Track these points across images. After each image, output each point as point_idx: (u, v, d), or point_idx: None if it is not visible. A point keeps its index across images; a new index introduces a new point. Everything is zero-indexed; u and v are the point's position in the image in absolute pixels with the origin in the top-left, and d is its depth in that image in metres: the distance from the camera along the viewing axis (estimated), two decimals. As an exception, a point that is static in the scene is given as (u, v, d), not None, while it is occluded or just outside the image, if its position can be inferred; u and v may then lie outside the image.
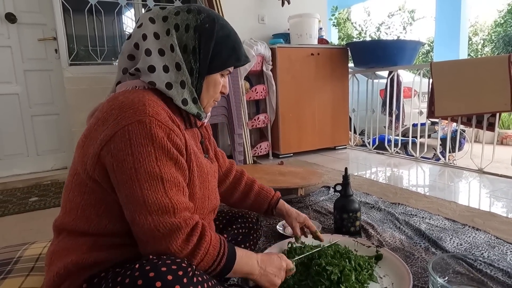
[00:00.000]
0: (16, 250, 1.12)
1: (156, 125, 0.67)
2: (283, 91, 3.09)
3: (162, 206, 0.66)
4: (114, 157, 0.65)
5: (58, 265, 0.70)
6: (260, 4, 3.35)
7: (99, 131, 0.69)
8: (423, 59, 9.78)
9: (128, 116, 0.66)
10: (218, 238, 0.74)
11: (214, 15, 0.81)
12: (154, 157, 0.66)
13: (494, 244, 1.34)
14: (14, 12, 2.58)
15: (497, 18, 8.97)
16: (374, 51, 3.24)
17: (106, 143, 0.66)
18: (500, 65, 2.32)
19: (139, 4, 3.00)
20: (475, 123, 2.59)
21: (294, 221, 1.14)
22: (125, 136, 0.65)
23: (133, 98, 0.69)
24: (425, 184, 2.44)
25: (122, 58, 0.80)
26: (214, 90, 0.83)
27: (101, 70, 2.85)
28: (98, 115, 0.72)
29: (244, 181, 1.14)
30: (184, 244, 0.67)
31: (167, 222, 0.65)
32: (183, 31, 0.77)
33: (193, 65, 0.77)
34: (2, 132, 2.68)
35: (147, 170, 0.65)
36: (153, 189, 0.65)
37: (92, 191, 0.71)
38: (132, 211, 0.65)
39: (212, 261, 0.71)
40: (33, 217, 1.93)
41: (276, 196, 1.14)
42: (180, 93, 0.76)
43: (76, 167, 0.73)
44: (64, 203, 0.76)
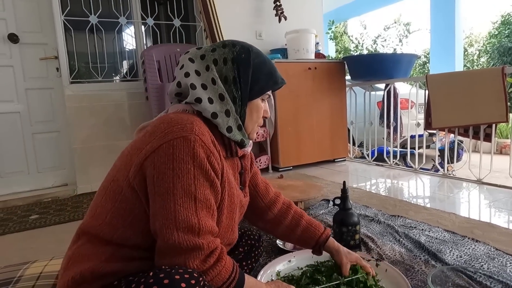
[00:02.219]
0: (17, 269, 1.12)
1: (200, 145, 0.71)
2: (281, 105, 3.12)
3: (190, 224, 0.68)
4: (156, 169, 0.69)
5: (74, 270, 0.71)
6: (257, 20, 3.42)
7: (145, 142, 0.73)
8: (420, 71, 9.88)
9: (175, 131, 0.71)
10: (232, 263, 0.76)
11: (247, 45, 0.87)
12: (193, 175, 0.70)
13: (494, 256, 1.34)
14: (17, 32, 2.64)
15: (491, 30, 9.11)
16: (370, 64, 3.29)
17: (150, 153, 0.70)
18: (494, 77, 2.36)
19: (139, 22, 3.07)
20: (472, 134, 2.62)
21: (343, 258, 1.03)
22: (169, 150, 0.69)
23: (182, 116, 0.75)
24: (424, 196, 2.45)
25: (171, 97, 0.87)
26: (257, 115, 0.88)
27: (101, 87, 2.90)
28: (148, 128, 0.77)
29: (291, 214, 1.09)
30: (201, 264, 0.70)
31: (191, 241, 0.68)
32: (221, 64, 0.83)
33: (235, 94, 0.83)
34: (3, 150, 2.70)
35: (183, 186, 0.69)
36: (185, 206, 0.69)
37: (124, 200, 0.73)
38: (161, 223, 0.68)
39: (221, 283, 0.73)
40: (34, 235, 1.93)
41: (325, 234, 1.07)
42: (226, 121, 0.81)
43: (116, 174, 0.76)
44: (95, 207, 0.77)
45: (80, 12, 2.80)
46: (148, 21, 3.06)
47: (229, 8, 3.22)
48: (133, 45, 3.18)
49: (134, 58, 3.19)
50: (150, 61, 2.71)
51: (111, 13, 2.92)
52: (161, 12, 3.23)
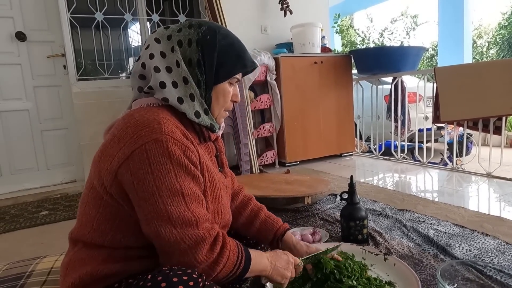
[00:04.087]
0: (29, 264, 1.14)
1: (172, 143, 0.69)
2: (287, 100, 3.11)
3: (186, 219, 0.69)
4: (134, 175, 0.68)
5: (73, 276, 0.72)
6: (262, 15, 3.40)
7: (115, 148, 0.71)
8: (427, 64, 9.76)
9: (145, 135, 0.69)
10: (236, 244, 0.77)
11: (215, 26, 0.83)
12: (174, 174, 0.69)
13: (504, 250, 1.33)
14: (24, 30, 2.66)
15: (501, 21, 8.94)
16: (377, 58, 3.25)
17: (124, 161, 0.68)
18: (504, 69, 2.32)
19: (144, 19, 3.07)
20: (481, 127, 2.58)
21: (304, 255, 1.00)
22: (143, 155, 0.67)
23: (148, 116, 0.72)
24: (433, 190, 2.43)
25: (134, 79, 0.83)
26: (224, 99, 0.85)
27: (108, 84, 2.91)
28: (114, 131, 0.74)
29: (250, 207, 1.08)
30: (209, 254, 0.70)
31: (192, 234, 0.68)
32: (186, 46, 0.80)
33: (199, 77, 0.79)
34: (13, 147, 2.74)
35: (168, 187, 0.68)
36: (176, 204, 0.68)
37: (107, 205, 0.73)
38: (156, 225, 0.68)
39: (232, 266, 0.74)
40: (44, 231, 1.96)
41: (283, 227, 1.06)
42: (191, 106, 0.78)
43: (92, 181, 0.75)
44: (80, 216, 0.77)
45: (86, 9, 2.80)
46: (153, 17, 3.06)
47: (234, 3, 3.21)
48: (138, 41, 3.19)
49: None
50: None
51: (116, 10, 2.92)
52: (166, 8, 3.22)
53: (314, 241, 1.47)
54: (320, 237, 1.50)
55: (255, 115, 3.27)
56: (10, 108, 2.70)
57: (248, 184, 2.16)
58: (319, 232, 1.54)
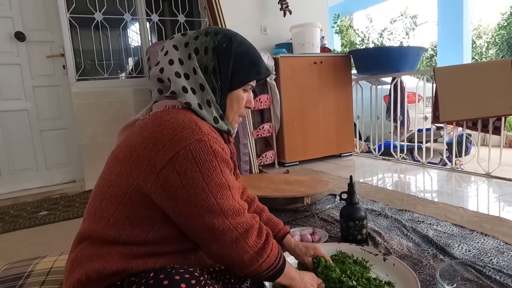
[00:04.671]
0: (28, 264, 1.14)
1: (214, 142, 0.73)
2: (287, 100, 3.11)
3: (236, 209, 0.75)
4: (182, 175, 0.70)
5: (80, 272, 0.71)
6: (262, 14, 3.40)
7: (151, 149, 0.71)
8: (427, 64, 9.76)
9: (187, 136, 0.71)
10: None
11: (231, 33, 0.86)
12: (219, 169, 0.74)
13: (503, 250, 1.33)
14: (23, 30, 2.66)
15: (500, 21, 8.95)
16: (376, 58, 3.26)
17: (167, 162, 0.70)
18: (503, 69, 2.32)
19: (144, 19, 3.07)
20: (480, 127, 2.58)
21: (304, 257, 1.04)
22: (189, 155, 0.70)
23: (183, 118, 0.74)
24: (432, 190, 2.43)
25: (152, 82, 0.85)
26: (238, 105, 0.88)
27: (107, 84, 2.91)
28: (143, 133, 0.75)
29: (253, 208, 1.10)
30: (258, 239, 0.78)
31: (243, 222, 0.76)
32: (202, 53, 0.82)
33: (215, 84, 0.82)
34: (12, 147, 2.73)
35: (217, 182, 0.73)
36: (225, 197, 0.74)
37: (130, 203, 0.73)
38: (210, 218, 0.72)
39: (275, 257, 0.80)
40: (43, 231, 1.96)
41: (283, 230, 1.08)
42: (210, 112, 0.81)
43: (116, 179, 0.75)
44: (93, 211, 0.76)
45: (85, 10, 2.80)
46: (152, 17, 3.05)
47: (234, 3, 3.21)
48: (138, 41, 3.19)
49: (140, 55, 3.19)
50: (156, 57, 2.71)
51: (116, 10, 2.92)
52: (165, 8, 3.22)
53: (313, 241, 1.47)
54: (320, 237, 1.50)
55: (254, 115, 3.27)
56: (9, 108, 2.70)
57: (248, 184, 2.16)
58: (319, 232, 1.54)
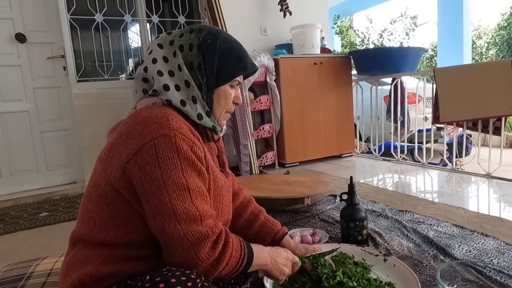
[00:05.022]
0: (28, 265, 1.14)
1: (180, 138, 0.71)
2: (287, 100, 3.11)
3: (190, 214, 0.69)
4: (142, 170, 0.69)
5: (73, 276, 0.72)
6: (262, 16, 3.40)
7: (123, 144, 0.72)
8: (427, 64, 9.77)
9: (154, 131, 0.70)
10: (239, 241, 0.78)
11: (215, 30, 0.85)
12: (180, 168, 0.70)
13: (504, 251, 1.33)
14: (24, 32, 2.66)
15: (500, 21, 8.96)
16: (377, 58, 3.26)
17: (132, 156, 0.70)
18: (503, 70, 2.32)
19: (144, 20, 3.07)
20: (481, 128, 2.58)
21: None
22: (152, 149, 0.69)
23: (156, 113, 0.73)
24: (432, 191, 2.43)
25: (137, 82, 0.85)
26: (225, 101, 0.87)
27: (108, 85, 2.91)
28: (121, 129, 0.76)
29: (250, 209, 1.09)
30: (211, 252, 0.70)
31: (195, 231, 0.69)
32: (187, 50, 0.82)
33: (201, 80, 0.82)
34: (13, 148, 2.74)
35: (174, 181, 0.69)
36: (181, 199, 0.69)
37: (111, 202, 0.73)
38: (161, 220, 0.68)
39: (235, 263, 0.75)
40: (44, 232, 1.96)
41: (282, 231, 1.07)
42: (194, 108, 0.80)
43: (97, 179, 0.76)
44: (82, 214, 0.78)
45: (86, 11, 2.81)
46: (153, 19, 3.06)
47: (234, 4, 3.21)
48: (138, 42, 3.19)
49: (140, 56, 3.20)
50: (156, 58, 2.71)
51: (116, 11, 2.93)
52: (166, 9, 3.23)
53: (314, 242, 1.47)
54: (320, 238, 1.50)
55: (254, 116, 3.27)
56: (10, 110, 2.70)
57: (248, 185, 2.16)
58: (319, 233, 1.54)
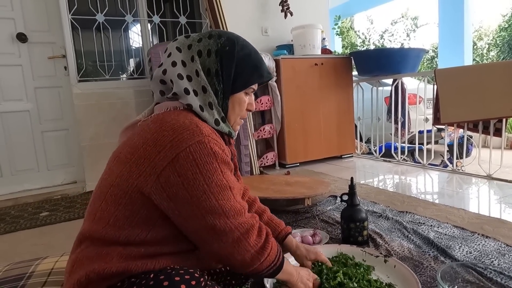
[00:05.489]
0: (29, 265, 1.14)
1: (214, 143, 0.75)
2: (288, 101, 3.11)
3: (237, 210, 0.76)
4: (183, 176, 0.71)
5: (80, 273, 0.72)
6: (263, 16, 3.41)
7: (152, 151, 0.72)
8: (428, 65, 9.76)
9: (187, 138, 0.72)
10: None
11: (234, 37, 0.86)
12: (220, 171, 0.75)
13: (504, 252, 1.32)
14: (25, 32, 2.67)
15: (501, 23, 8.95)
16: (377, 59, 3.26)
17: (167, 164, 0.71)
18: (504, 71, 2.32)
19: (145, 20, 3.07)
20: (481, 129, 2.58)
21: (304, 260, 1.05)
22: (189, 157, 0.71)
23: (184, 120, 0.75)
24: (433, 192, 2.43)
25: (155, 83, 0.86)
26: (239, 108, 0.88)
27: (109, 85, 2.92)
28: (144, 135, 0.76)
29: (254, 208, 1.11)
30: (258, 239, 0.79)
31: (244, 222, 0.77)
32: (205, 56, 0.83)
33: (217, 87, 0.83)
34: (14, 148, 2.74)
35: (217, 183, 0.74)
36: (226, 197, 0.75)
37: (130, 203, 0.73)
38: (212, 219, 0.73)
39: (275, 255, 0.82)
40: (44, 232, 1.96)
41: (285, 231, 1.08)
42: (211, 114, 0.82)
43: (115, 180, 0.75)
44: (94, 212, 0.77)
45: (87, 11, 2.81)
46: (154, 19, 3.06)
47: (235, 5, 3.21)
48: (139, 43, 3.19)
49: (141, 56, 3.20)
50: (157, 58, 2.72)
51: (117, 11, 2.93)
52: (167, 9, 3.23)
53: (314, 242, 1.47)
54: (321, 239, 1.50)
55: (255, 117, 3.27)
56: (11, 109, 2.70)
57: (249, 185, 2.14)
58: (319, 233, 1.54)
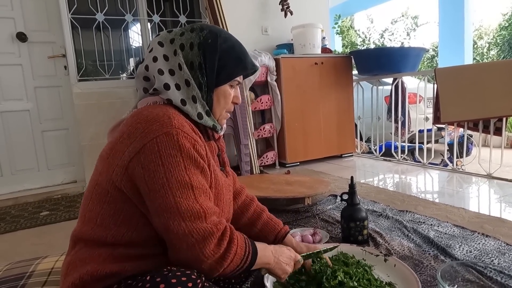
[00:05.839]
0: (29, 264, 1.14)
1: (183, 136, 0.71)
2: (288, 100, 3.11)
3: (194, 212, 0.69)
4: (145, 168, 0.69)
5: (74, 275, 0.72)
6: (263, 16, 3.41)
7: (125, 143, 0.72)
8: (428, 64, 9.76)
9: (156, 129, 0.70)
10: (243, 238, 0.78)
11: (216, 30, 0.85)
12: (183, 166, 0.70)
13: (504, 251, 1.32)
14: (25, 31, 2.66)
15: (501, 22, 8.95)
16: (378, 58, 3.26)
17: (135, 155, 0.70)
18: (505, 70, 2.32)
19: (145, 19, 3.07)
20: (481, 128, 2.58)
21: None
22: (154, 148, 0.69)
23: (157, 112, 0.73)
24: (433, 191, 2.43)
25: (138, 80, 0.85)
26: (225, 101, 0.86)
27: (109, 85, 2.92)
28: (122, 129, 0.76)
29: (253, 208, 1.09)
30: (216, 249, 0.70)
31: (200, 228, 0.69)
32: (188, 49, 0.82)
33: (201, 80, 0.81)
34: (14, 147, 2.74)
35: (178, 179, 0.69)
36: (185, 196, 0.69)
37: (112, 201, 0.73)
38: (166, 218, 0.68)
39: (240, 260, 0.75)
40: (44, 231, 1.96)
41: (284, 230, 1.07)
42: (194, 107, 0.80)
43: (98, 178, 0.76)
44: (83, 213, 0.77)
45: (87, 10, 2.81)
46: (154, 18, 3.06)
47: (235, 4, 3.21)
48: (139, 42, 3.19)
49: (141, 55, 3.20)
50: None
51: (117, 10, 2.93)
52: (167, 8, 3.23)
53: (314, 241, 1.47)
54: (321, 238, 1.50)
55: (255, 116, 3.27)
56: (11, 109, 2.70)
57: (249, 184, 2.16)
58: (320, 233, 1.54)
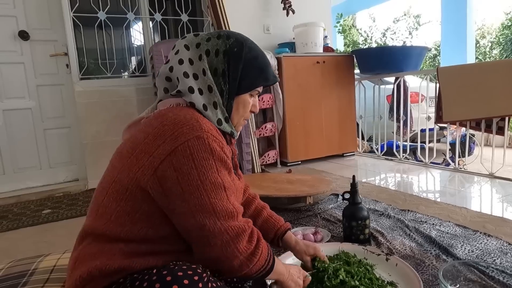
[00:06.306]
0: (31, 262, 1.15)
1: (212, 140, 0.74)
2: (289, 99, 3.11)
3: (228, 211, 0.74)
4: (178, 171, 0.71)
5: (82, 269, 0.72)
6: (265, 14, 3.40)
7: (152, 145, 0.73)
8: (430, 64, 9.72)
9: (186, 132, 0.72)
10: (264, 241, 0.82)
11: (242, 39, 0.87)
12: (216, 168, 0.73)
13: (507, 251, 1.32)
14: (27, 29, 2.67)
15: (504, 21, 8.90)
16: (379, 57, 3.25)
17: (166, 157, 0.71)
18: (507, 69, 2.31)
19: (147, 18, 3.07)
20: (484, 128, 2.57)
21: (303, 255, 1.05)
22: (187, 151, 0.71)
23: (184, 115, 0.75)
24: (435, 190, 2.42)
25: (160, 80, 0.86)
26: (243, 109, 0.89)
27: (110, 83, 2.92)
28: (146, 129, 0.76)
29: (254, 205, 1.11)
30: (248, 244, 0.76)
31: (234, 226, 0.74)
32: (213, 55, 0.83)
33: (223, 87, 0.83)
34: (16, 145, 2.75)
35: (211, 181, 0.72)
36: (219, 197, 0.73)
37: (131, 199, 0.73)
38: (201, 217, 0.71)
39: (265, 260, 0.79)
40: (47, 229, 1.97)
41: (284, 227, 1.08)
42: (214, 113, 0.82)
43: (117, 175, 0.76)
44: (96, 208, 0.77)
45: (89, 9, 2.81)
46: (156, 17, 3.06)
47: (237, 3, 3.21)
48: (141, 40, 3.19)
49: (143, 54, 3.20)
50: (159, 56, 2.72)
51: (119, 9, 2.93)
52: (168, 7, 3.23)
53: (316, 240, 1.47)
54: (322, 237, 1.50)
55: (257, 115, 3.27)
56: (13, 107, 2.71)
57: (250, 183, 2.15)
58: (321, 232, 1.54)
